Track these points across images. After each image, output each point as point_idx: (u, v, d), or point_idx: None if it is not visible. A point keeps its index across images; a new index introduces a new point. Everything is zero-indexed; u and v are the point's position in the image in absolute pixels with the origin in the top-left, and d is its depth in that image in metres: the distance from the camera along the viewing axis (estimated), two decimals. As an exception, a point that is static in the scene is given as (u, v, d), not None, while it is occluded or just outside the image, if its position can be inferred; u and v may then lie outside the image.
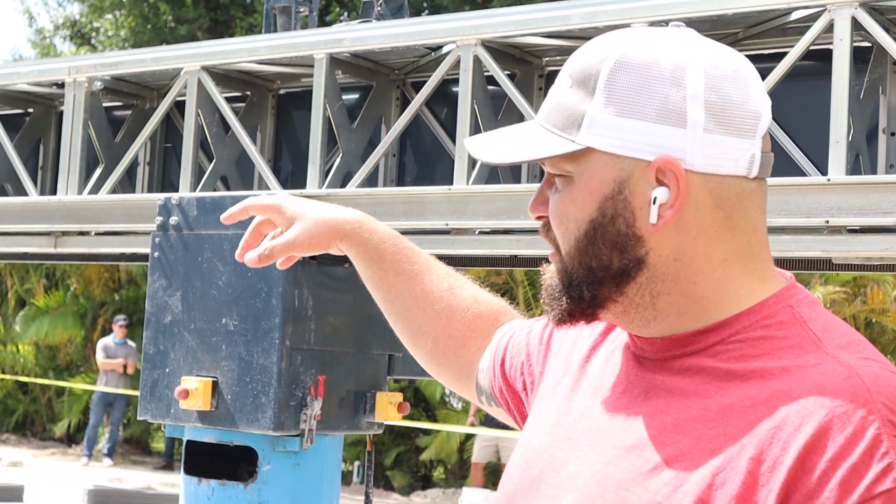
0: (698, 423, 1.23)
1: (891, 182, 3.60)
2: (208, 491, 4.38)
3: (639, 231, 1.30)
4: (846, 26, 3.71)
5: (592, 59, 1.32)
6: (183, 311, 4.43)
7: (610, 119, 1.29)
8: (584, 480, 1.29)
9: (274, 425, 4.22)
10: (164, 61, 4.91)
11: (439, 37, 4.38)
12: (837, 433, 1.15)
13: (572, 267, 1.33)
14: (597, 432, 1.33)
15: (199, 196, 4.51)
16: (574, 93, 1.31)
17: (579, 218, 1.32)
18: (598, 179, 1.31)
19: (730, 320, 1.30)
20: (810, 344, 1.25)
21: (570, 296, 1.34)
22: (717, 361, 1.28)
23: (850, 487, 1.13)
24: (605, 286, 1.32)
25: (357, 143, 4.71)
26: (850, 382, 1.18)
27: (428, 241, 4.26)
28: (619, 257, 1.31)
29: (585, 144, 1.29)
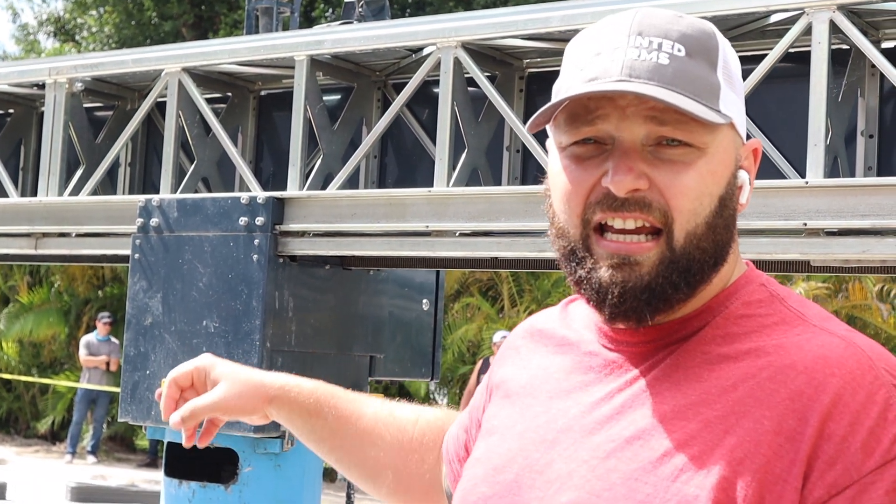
0: (701, 406, 1.23)
1: (868, 185, 3.61)
2: (189, 493, 4.40)
3: (736, 212, 1.31)
4: (824, 29, 3.72)
5: (694, 29, 1.29)
6: (163, 312, 4.45)
7: (730, 95, 1.29)
8: (583, 476, 1.25)
9: (254, 427, 4.25)
10: (145, 62, 4.90)
11: (420, 39, 4.38)
12: (850, 399, 1.18)
13: (696, 249, 1.26)
14: (580, 430, 1.29)
15: (180, 198, 4.52)
16: (696, 64, 1.27)
17: (713, 192, 1.27)
18: (728, 153, 1.29)
19: (710, 304, 1.30)
20: (796, 319, 1.27)
21: (688, 281, 1.27)
22: (706, 346, 1.27)
23: (871, 450, 1.16)
24: (715, 270, 1.29)
25: (338, 145, 4.71)
26: (851, 352, 1.22)
27: (408, 244, 4.26)
28: (730, 238, 1.30)
29: (731, 118, 1.28)
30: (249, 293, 4.32)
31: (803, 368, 1.21)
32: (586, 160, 1.28)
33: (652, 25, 1.27)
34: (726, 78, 1.29)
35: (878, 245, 3.58)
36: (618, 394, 1.29)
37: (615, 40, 1.27)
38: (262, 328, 4.31)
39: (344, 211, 4.35)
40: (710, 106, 1.25)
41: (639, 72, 1.24)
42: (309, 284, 4.52)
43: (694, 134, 1.25)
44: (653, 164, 1.25)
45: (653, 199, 1.25)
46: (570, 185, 1.28)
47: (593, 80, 1.26)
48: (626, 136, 1.26)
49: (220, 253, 4.41)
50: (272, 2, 5.51)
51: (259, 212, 4.38)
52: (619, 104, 1.25)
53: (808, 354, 1.22)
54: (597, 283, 1.27)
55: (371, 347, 4.80)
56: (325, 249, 4.40)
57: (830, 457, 1.17)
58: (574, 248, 1.29)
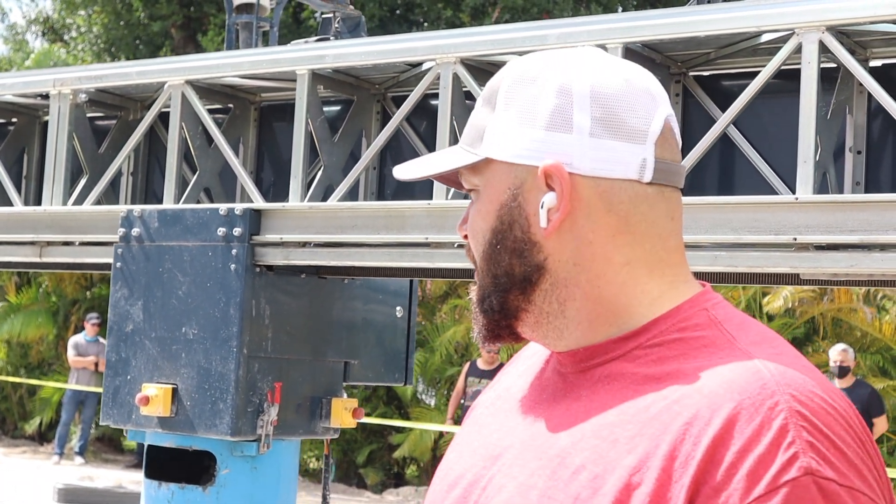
0: (616, 426, 1.24)
1: (856, 202, 3.73)
2: (168, 494, 4.56)
3: (534, 237, 1.34)
4: (813, 49, 3.84)
5: (498, 77, 1.39)
6: (144, 319, 4.62)
7: (505, 129, 1.34)
8: (509, 492, 1.29)
9: (231, 431, 4.41)
10: (149, 75, 4.99)
11: (419, 54, 4.48)
12: (745, 425, 1.16)
13: (483, 279, 1.38)
14: (520, 446, 1.33)
15: (161, 209, 4.68)
16: (481, 110, 1.38)
17: (484, 228, 1.37)
18: (496, 188, 1.36)
19: (647, 326, 1.32)
20: (724, 342, 1.27)
21: (482, 309, 1.38)
22: (635, 366, 1.29)
23: (757, 478, 1.13)
24: (511, 294, 1.35)
25: (338, 157, 4.81)
26: (757, 376, 1.20)
27: (408, 255, 4.37)
28: (519, 263, 1.34)
29: (483, 155, 1.35)
30: (227, 301, 4.48)
31: (707, 392, 1.20)
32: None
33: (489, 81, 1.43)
34: (506, 107, 1.35)
35: (865, 259, 3.69)
36: (554, 409, 1.35)
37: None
38: (239, 335, 4.46)
39: (344, 223, 4.45)
40: (470, 150, 1.38)
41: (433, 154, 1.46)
42: (286, 292, 4.69)
43: (468, 179, 1.40)
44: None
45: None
46: None
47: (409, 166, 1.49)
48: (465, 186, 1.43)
49: (198, 262, 4.56)
50: (252, 17, 5.64)
51: (236, 223, 4.54)
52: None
53: (716, 379, 1.22)
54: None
55: (345, 353, 4.96)
56: (302, 259, 4.53)
57: (717, 484, 1.15)
58: None
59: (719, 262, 3.90)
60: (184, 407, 4.51)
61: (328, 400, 4.82)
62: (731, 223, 3.85)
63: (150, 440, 4.66)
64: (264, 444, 4.51)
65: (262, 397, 4.54)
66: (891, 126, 4.07)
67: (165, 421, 4.54)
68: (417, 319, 15.49)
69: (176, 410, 4.52)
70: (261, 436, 4.50)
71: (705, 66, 4.40)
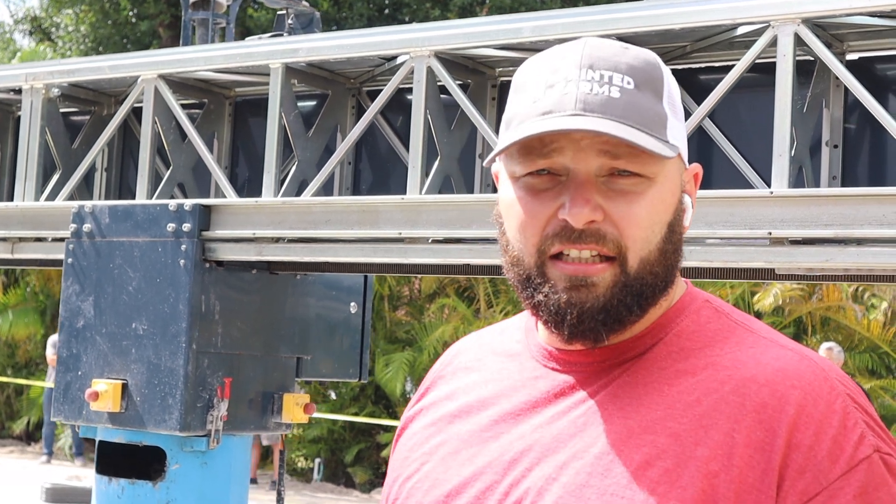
0: (668, 420, 1.26)
1: (831, 195, 3.68)
2: (118, 490, 4.57)
3: (682, 235, 1.36)
4: (789, 42, 3.79)
5: (640, 60, 1.32)
6: (95, 315, 4.63)
7: (675, 124, 1.33)
8: (555, 493, 1.26)
9: (180, 426, 4.42)
10: (121, 69, 4.95)
11: (393, 48, 4.44)
12: (813, 410, 1.24)
13: (648, 274, 1.31)
14: (540, 448, 1.30)
15: (112, 204, 4.67)
16: (644, 96, 1.30)
17: (661, 220, 1.31)
18: (674, 183, 1.33)
19: (659, 322, 1.35)
20: (745, 333, 1.33)
21: (640, 304, 1.31)
22: (661, 362, 1.32)
23: (836, 457, 1.23)
24: (665, 293, 1.34)
25: (313, 152, 4.76)
26: (806, 364, 1.28)
27: (381, 250, 4.32)
28: (677, 259, 1.35)
29: (679, 149, 1.32)
30: (176, 297, 4.48)
31: (765, 381, 1.26)
32: (541, 192, 1.30)
33: (601, 58, 1.30)
34: (671, 107, 1.33)
35: (840, 254, 3.65)
36: (574, 412, 1.32)
37: (567, 73, 1.30)
38: (188, 330, 4.47)
39: (318, 217, 4.41)
40: (659, 137, 1.29)
41: (592, 106, 1.27)
42: (236, 288, 4.68)
43: (645, 165, 1.29)
44: (606, 195, 1.29)
45: (607, 231, 1.28)
46: (527, 216, 1.31)
47: (548, 113, 1.28)
48: (581, 168, 1.29)
49: (148, 258, 4.57)
50: (208, 13, 5.62)
51: (186, 218, 4.53)
52: (574, 137, 1.28)
53: (766, 368, 1.28)
54: (555, 306, 1.30)
55: (298, 349, 4.96)
56: (251, 255, 4.51)
57: (800, 466, 1.22)
58: (530, 275, 1.32)
59: (694, 257, 3.86)
60: (134, 402, 4.50)
61: (280, 395, 4.81)
62: (706, 217, 3.81)
63: (102, 436, 4.66)
64: (214, 440, 4.50)
65: (212, 393, 4.53)
66: (868, 120, 4.03)
67: (115, 416, 4.53)
68: (406, 319, 15.49)
69: (126, 406, 4.51)
70: (210, 431, 4.50)
71: (681, 60, 4.35)
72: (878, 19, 3.87)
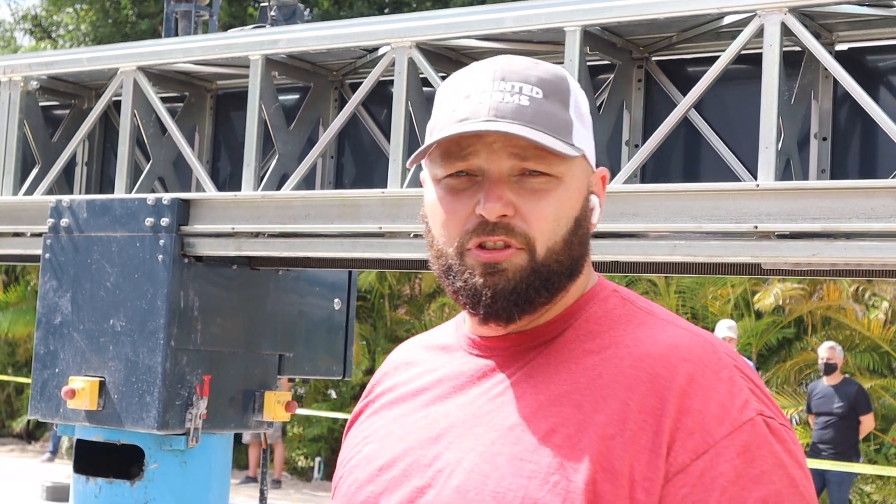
0: (573, 394, 1.41)
1: (818, 188, 3.60)
2: (95, 489, 4.50)
3: (589, 230, 1.51)
4: (775, 31, 3.71)
5: (549, 74, 1.48)
6: (72, 311, 4.56)
7: (582, 130, 1.49)
8: (471, 461, 1.41)
9: (158, 424, 4.35)
10: (100, 61, 4.87)
11: (374, 39, 4.36)
12: (702, 378, 1.39)
13: (554, 262, 1.45)
14: (462, 425, 1.46)
15: (89, 198, 4.59)
16: (551, 104, 1.45)
17: (568, 215, 1.46)
18: (581, 180, 1.49)
19: (570, 309, 1.50)
20: (646, 316, 1.49)
21: (548, 288, 1.45)
22: (570, 344, 1.47)
23: (722, 420, 1.37)
24: (568, 278, 1.48)
25: (294, 145, 4.68)
26: (696, 340, 1.44)
27: (361, 245, 4.24)
28: (582, 252, 1.49)
29: (583, 150, 1.48)
30: (154, 293, 4.41)
31: (659, 355, 1.41)
32: (460, 192, 1.46)
33: (513, 72, 1.46)
34: (577, 115, 1.48)
35: (827, 248, 3.56)
36: (493, 391, 1.47)
37: (482, 85, 1.45)
38: (166, 327, 4.39)
39: (297, 212, 4.33)
40: (564, 140, 1.44)
41: (504, 112, 1.42)
42: (217, 284, 4.61)
43: (552, 165, 1.44)
44: (518, 192, 1.44)
45: (516, 225, 1.44)
46: (448, 214, 1.46)
47: (464, 120, 1.43)
48: (494, 168, 1.44)
49: (126, 253, 4.49)
50: (190, 6, 5.54)
51: (164, 213, 4.46)
52: (487, 141, 1.43)
53: (661, 344, 1.43)
54: (472, 289, 1.45)
55: (280, 346, 4.89)
56: (230, 250, 4.43)
57: (689, 428, 1.35)
58: (451, 265, 1.47)
59: (678, 252, 3.77)
60: (111, 400, 4.42)
61: (261, 393, 4.73)
62: (691, 211, 3.73)
63: (79, 434, 4.59)
64: (193, 438, 4.42)
65: (191, 390, 4.45)
66: (858, 113, 3.94)
67: (93, 414, 4.46)
68: (407, 317, 15.41)
69: (103, 404, 4.44)
70: (189, 429, 4.42)
71: (668, 51, 4.27)
72: (867, 8, 3.78)
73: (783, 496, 1.36)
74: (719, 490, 1.34)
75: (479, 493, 1.39)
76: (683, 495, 1.34)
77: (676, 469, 1.35)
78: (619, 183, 3.94)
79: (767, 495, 1.35)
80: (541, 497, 1.36)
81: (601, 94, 4.32)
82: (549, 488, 1.36)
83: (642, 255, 3.84)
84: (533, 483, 1.37)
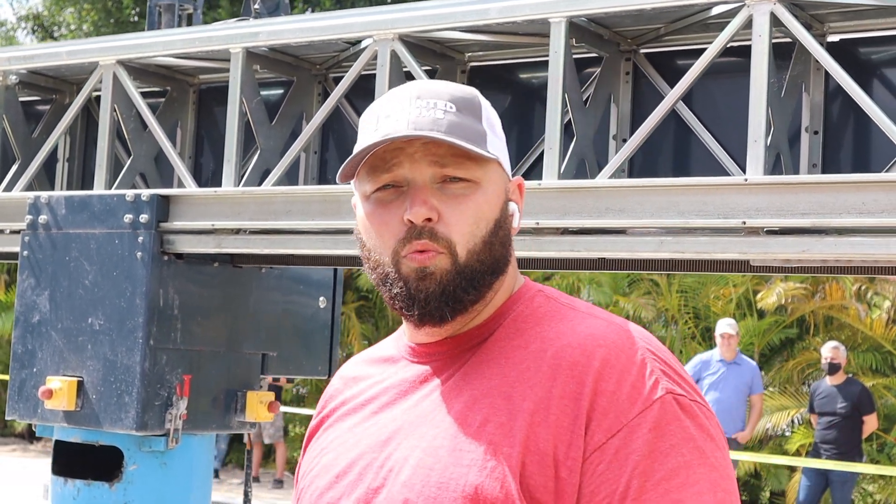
0: (503, 386, 1.53)
1: (808, 182, 3.50)
2: (73, 491, 4.42)
3: (510, 234, 1.63)
4: (765, 22, 3.61)
5: (461, 91, 1.61)
6: (51, 310, 4.47)
7: (495, 141, 1.61)
8: (416, 458, 1.53)
9: (137, 425, 4.26)
10: (79, 55, 4.78)
11: (356, 31, 4.26)
12: (615, 362, 1.50)
13: (476, 262, 1.57)
14: (408, 427, 1.57)
15: (68, 195, 4.49)
16: (464, 117, 1.57)
17: (489, 217, 1.58)
18: (499, 186, 1.61)
19: (499, 311, 1.62)
20: (568, 311, 1.61)
21: (474, 286, 1.57)
22: (501, 343, 1.59)
23: (634, 400, 1.48)
24: (491, 277, 1.59)
25: (276, 140, 4.59)
26: (611, 328, 1.55)
27: (343, 242, 4.15)
28: (504, 253, 1.61)
29: (497, 156, 1.60)
30: (133, 291, 4.32)
31: (577, 344, 1.53)
32: (389, 203, 1.57)
33: (428, 90, 1.59)
34: (490, 128, 1.61)
35: (817, 244, 3.47)
36: (434, 393, 1.59)
37: (400, 104, 1.57)
38: (145, 325, 4.31)
39: (279, 208, 4.24)
40: (478, 148, 1.56)
41: (421, 124, 1.54)
42: (197, 282, 4.52)
43: (469, 171, 1.56)
44: (441, 199, 1.56)
45: (439, 230, 1.55)
46: (380, 225, 1.57)
47: (386, 135, 1.55)
48: (417, 176, 1.56)
49: (105, 250, 4.40)
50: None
51: (143, 209, 4.37)
52: (409, 152, 1.55)
53: (579, 334, 1.55)
54: (406, 294, 1.57)
55: (263, 345, 4.81)
56: (209, 247, 4.34)
57: (604, 408, 1.47)
58: (388, 273, 1.58)
59: (665, 248, 3.68)
60: (89, 400, 4.33)
61: (243, 393, 4.63)
62: (678, 206, 3.63)
63: (58, 435, 4.51)
64: (173, 439, 4.33)
65: (171, 390, 4.36)
66: (850, 106, 3.84)
67: (71, 415, 4.37)
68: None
69: (81, 404, 4.34)
70: (169, 430, 4.33)
71: (656, 43, 4.17)
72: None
73: (692, 466, 1.46)
74: (632, 465, 1.44)
75: (426, 484, 1.50)
76: (601, 472, 1.45)
77: (593, 447, 1.46)
78: (604, 178, 3.84)
79: (677, 467, 1.45)
80: (480, 482, 1.47)
81: (588, 87, 4.22)
82: (486, 473, 1.47)
83: (628, 252, 3.75)
84: (472, 470, 1.48)
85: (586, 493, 1.45)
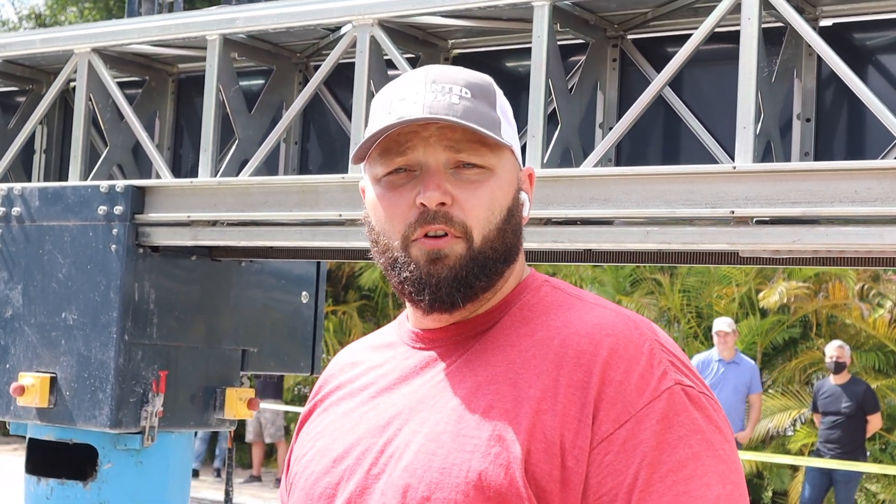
0: (509, 373, 1.51)
1: (799, 170, 3.38)
2: (47, 490, 4.30)
3: (521, 223, 1.61)
4: (754, 5, 3.49)
5: (477, 78, 1.59)
6: (24, 304, 4.34)
7: (508, 129, 1.59)
8: (418, 443, 1.50)
9: (111, 422, 4.14)
10: (53, 42, 4.66)
11: (335, 16, 4.14)
12: (623, 352, 1.48)
13: (489, 249, 1.55)
14: (408, 412, 1.55)
15: (41, 186, 4.37)
16: (479, 103, 1.55)
17: (502, 204, 1.56)
18: (511, 174, 1.59)
19: (506, 300, 1.60)
20: (575, 301, 1.60)
21: (486, 273, 1.55)
22: (506, 330, 1.57)
23: (642, 390, 1.46)
24: (503, 265, 1.57)
25: (255, 130, 4.46)
26: (619, 318, 1.54)
27: (321, 233, 4.03)
28: (516, 241, 1.59)
29: (511, 144, 1.58)
30: (107, 284, 4.20)
31: (584, 333, 1.51)
32: (400, 187, 1.54)
33: (443, 75, 1.57)
34: (504, 116, 1.59)
35: (809, 234, 3.35)
36: (436, 379, 1.57)
37: (416, 88, 1.55)
38: (119, 320, 4.19)
39: (256, 199, 4.12)
40: (493, 134, 1.53)
41: (436, 109, 1.52)
42: (174, 276, 4.40)
43: (484, 157, 1.54)
44: (455, 184, 1.53)
45: (454, 214, 1.53)
46: (391, 208, 1.54)
47: (401, 118, 1.52)
48: (431, 161, 1.53)
49: (79, 243, 4.29)
50: None
51: (118, 200, 4.26)
52: (423, 136, 1.53)
53: (587, 323, 1.53)
54: (418, 278, 1.54)
55: (243, 341, 4.68)
56: (185, 239, 4.21)
57: (612, 398, 1.45)
58: (397, 258, 1.55)
59: (651, 239, 3.56)
60: (63, 397, 4.21)
61: (222, 390, 4.50)
62: (665, 195, 3.51)
63: (32, 433, 4.39)
64: (148, 437, 4.21)
65: (147, 387, 4.23)
66: (844, 92, 3.72)
67: (44, 412, 4.25)
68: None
69: (55, 401, 4.22)
70: (145, 428, 4.20)
71: (642, 28, 4.05)
72: (853, -20, 3.56)
73: (701, 458, 1.44)
74: (640, 456, 1.43)
75: (428, 469, 1.48)
76: (608, 462, 1.44)
77: (601, 437, 1.45)
78: (589, 166, 3.72)
79: (685, 458, 1.44)
80: (483, 468, 1.45)
81: (574, 74, 4.09)
82: (490, 459, 1.45)
83: (614, 243, 3.63)
84: (475, 456, 1.46)
85: (593, 484, 1.44)
